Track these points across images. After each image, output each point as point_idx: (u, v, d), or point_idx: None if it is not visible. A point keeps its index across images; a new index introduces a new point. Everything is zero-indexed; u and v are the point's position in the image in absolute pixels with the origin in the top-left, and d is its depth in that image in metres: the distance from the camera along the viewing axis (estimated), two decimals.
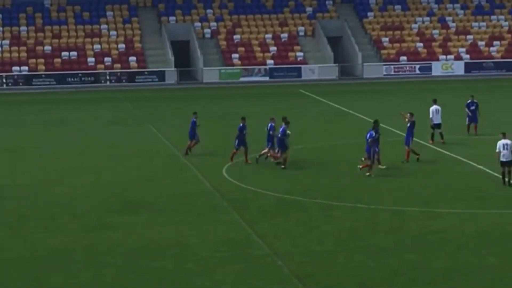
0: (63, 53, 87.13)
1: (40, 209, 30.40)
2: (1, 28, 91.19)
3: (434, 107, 47.19)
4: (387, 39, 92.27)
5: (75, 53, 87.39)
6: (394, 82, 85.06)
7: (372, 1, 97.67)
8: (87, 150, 46.45)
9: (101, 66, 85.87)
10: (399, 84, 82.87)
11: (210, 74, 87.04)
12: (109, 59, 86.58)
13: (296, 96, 76.11)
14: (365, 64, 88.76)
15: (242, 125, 40.15)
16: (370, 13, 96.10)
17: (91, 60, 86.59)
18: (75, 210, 29.92)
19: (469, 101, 49.49)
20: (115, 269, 20.96)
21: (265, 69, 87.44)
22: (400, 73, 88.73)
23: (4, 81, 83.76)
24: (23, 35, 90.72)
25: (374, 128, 36.37)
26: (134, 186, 36.23)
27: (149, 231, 26.60)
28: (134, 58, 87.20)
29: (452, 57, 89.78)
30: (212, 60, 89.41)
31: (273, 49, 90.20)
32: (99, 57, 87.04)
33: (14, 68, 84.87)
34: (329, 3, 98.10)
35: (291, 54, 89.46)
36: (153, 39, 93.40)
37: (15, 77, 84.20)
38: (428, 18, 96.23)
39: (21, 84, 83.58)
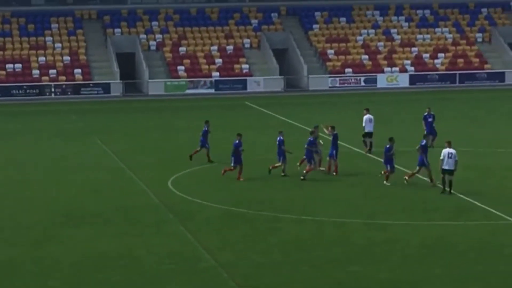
0: (7, 65, 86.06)
1: None
2: None
3: (367, 116, 48.02)
4: (332, 51, 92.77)
5: (19, 65, 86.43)
6: (339, 94, 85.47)
7: (317, 14, 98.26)
8: (32, 163, 46.07)
9: (46, 78, 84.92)
10: (344, 96, 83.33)
11: (155, 87, 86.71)
12: (54, 71, 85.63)
13: (241, 108, 76.45)
14: (310, 76, 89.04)
15: (238, 141, 39.20)
16: (315, 26, 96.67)
17: (35, 72, 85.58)
18: (20, 223, 29.66)
19: (426, 113, 50.14)
20: (61, 281, 20.82)
21: (211, 81, 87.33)
22: (346, 85, 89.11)
23: None
24: None
25: (390, 142, 36.73)
26: (79, 199, 35.87)
27: (95, 243, 26.38)
28: (79, 70, 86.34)
29: (397, 69, 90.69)
30: (157, 72, 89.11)
31: (218, 61, 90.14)
32: (44, 69, 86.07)
33: None
34: (274, 15, 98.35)
35: (236, 66, 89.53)
36: (98, 51, 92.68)
37: None
38: (373, 31, 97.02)
39: None
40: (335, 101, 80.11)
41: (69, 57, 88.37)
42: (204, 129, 44.77)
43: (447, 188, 33.74)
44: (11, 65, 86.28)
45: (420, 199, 34.66)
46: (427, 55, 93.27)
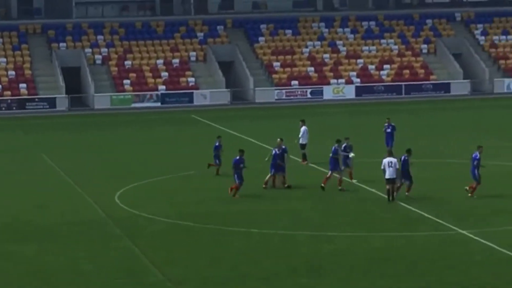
0: None
1: None
2: None
3: (304, 128, 48.53)
4: (278, 63, 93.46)
5: None
6: (285, 106, 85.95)
7: (263, 26, 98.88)
8: None
9: None
10: (290, 109, 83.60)
11: (101, 101, 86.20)
12: None
13: (188, 121, 76.48)
14: (256, 88, 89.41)
15: (239, 158, 37.93)
16: (261, 38, 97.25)
17: None
18: None
19: (386, 123, 50.82)
20: None
21: (157, 95, 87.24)
22: (292, 97, 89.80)
23: None
24: None
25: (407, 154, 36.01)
26: (25, 215, 35.58)
27: (41, 259, 26.15)
28: (25, 85, 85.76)
29: (343, 81, 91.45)
30: (103, 86, 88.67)
31: (164, 74, 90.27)
32: None
33: None
34: (220, 28, 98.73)
35: (182, 79, 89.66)
36: (43, 65, 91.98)
37: None
38: (318, 43, 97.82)
39: None
40: (281, 113, 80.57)
41: (14, 72, 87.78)
42: (215, 144, 44.81)
43: (391, 198, 34.46)
44: None
45: (368, 210, 34.80)
46: (373, 66, 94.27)
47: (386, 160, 34.01)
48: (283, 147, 40.57)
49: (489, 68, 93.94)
